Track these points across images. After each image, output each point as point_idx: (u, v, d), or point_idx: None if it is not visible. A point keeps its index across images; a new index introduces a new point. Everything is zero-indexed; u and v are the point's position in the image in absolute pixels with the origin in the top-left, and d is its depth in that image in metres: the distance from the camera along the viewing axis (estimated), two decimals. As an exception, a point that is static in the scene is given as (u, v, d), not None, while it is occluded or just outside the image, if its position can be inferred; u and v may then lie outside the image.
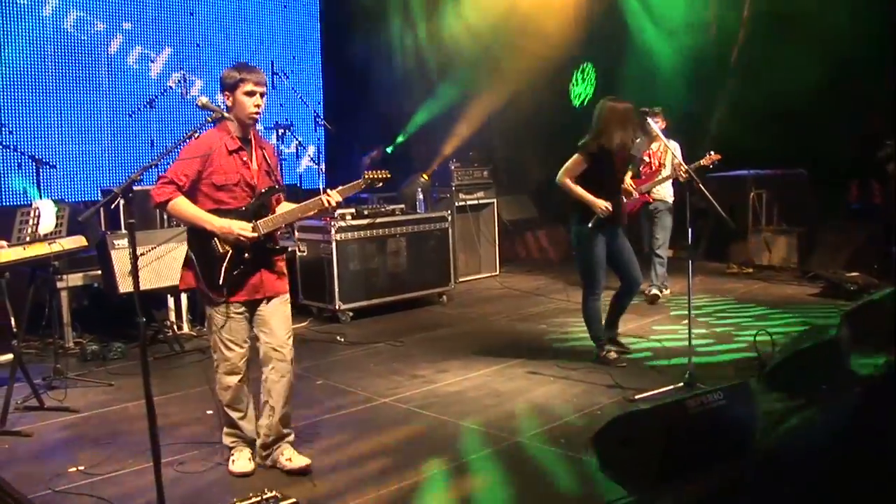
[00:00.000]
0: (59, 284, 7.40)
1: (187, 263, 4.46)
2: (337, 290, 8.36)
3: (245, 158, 4.44)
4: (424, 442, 5.07)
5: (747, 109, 10.30)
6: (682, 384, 5.77)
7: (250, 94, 4.34)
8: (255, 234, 4.36)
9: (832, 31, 9.40)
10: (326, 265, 8.36)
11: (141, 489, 4.45)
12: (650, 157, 8.96)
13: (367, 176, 4.60)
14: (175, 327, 8.02)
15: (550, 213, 12.04)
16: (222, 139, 4.40)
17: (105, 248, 7.30)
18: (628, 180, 8.45)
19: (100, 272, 7.74)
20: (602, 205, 6.34)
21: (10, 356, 7.26)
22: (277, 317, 4.58)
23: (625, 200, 8.36)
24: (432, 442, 5.06)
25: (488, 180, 10.99)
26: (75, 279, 7.72)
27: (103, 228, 8.68)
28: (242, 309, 4.48)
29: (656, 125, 7.39)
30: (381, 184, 4.65)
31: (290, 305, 4.71)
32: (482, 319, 8.63)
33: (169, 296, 8.08)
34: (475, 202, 10.87)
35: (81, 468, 4.75)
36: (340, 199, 4.53)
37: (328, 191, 4.50)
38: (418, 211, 9.62)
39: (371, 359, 7.11)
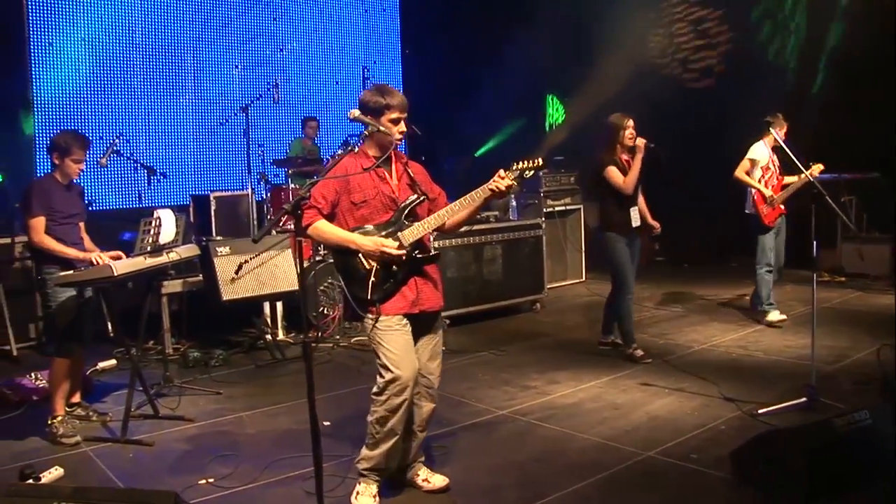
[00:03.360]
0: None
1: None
2: (436, 297, 8.24)
3: (381, 174, 4.32)
4: (556, 457, 4.95)
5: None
6: (804, 399, 5.57)
7: (395, 121, 4.22)
8: (401, 249, 4.20)
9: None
10: (424, 272, 8.23)
11: (277, 504, 4.41)
12: (773, 166, 8.08)
13: (516, 166, 4.17)
14: (271, 334, 7.98)
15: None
16: (357, 160, 4.29)
17: (208, 255, 7.28)
18: (767, 190, 7.91)
19: (196, 279, 7.79)
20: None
21: (111, 362, 7.39)
22: (431, 341, 4.43)
23: (763, 212, 7.92)
24: (564, 456, 4.94)
25: (575, 186, 10.86)
26: (174, 285, 7.73)
27: (194, 235, 8.74)
28: (405, 321, 4.27)
29: (776, 132, 7.25)
30: (531, 173, 4.21)
31: (442, 328, 4.55)
32: (579, 328, 8.49)
33: (265, 303, 8.05)
34: (562, 208, 10.76)
35: (211, 480, 4.70)
36: (511, 182, 4.18)
37: (500, 173, 4.15)
38: (510, 217, 9.52)
39: (478, 368, 7.01)
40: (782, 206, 8.06)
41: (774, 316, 8.17)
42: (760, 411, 5.49)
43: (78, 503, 2.94)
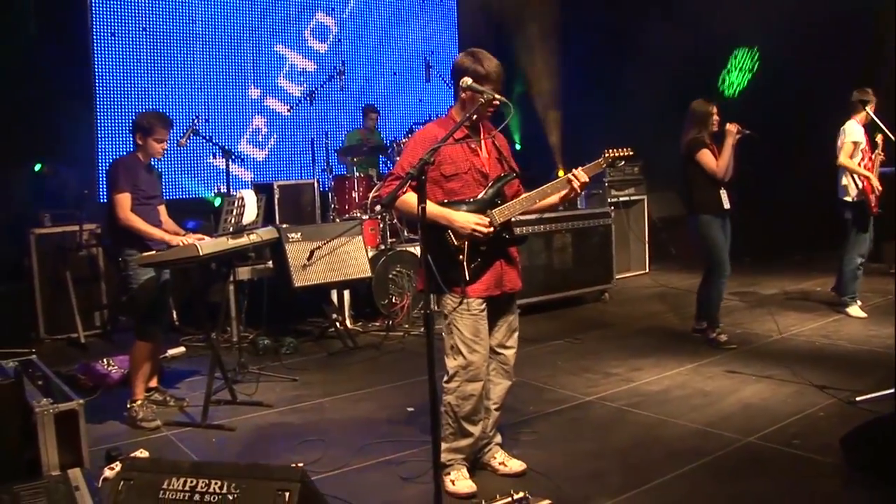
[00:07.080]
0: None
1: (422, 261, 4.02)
2: (507, 286, 8.11)
3: (473, 146, 4.15)
4: (654, 442, 4.79)
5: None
6: (903, 387, 5.36)
7: (494, 89, 4.05)
8: (492, 227, 4.04)
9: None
10: (496, 261, 8.10)
11: (371, 489, 4.29)
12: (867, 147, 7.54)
13: (608, 154, 4.16)
14: (337, 323, 7.88)
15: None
16: (448, 129, 4.02)
17: (280, 241, 7.16)
18: (873, 176, 7.49)
19: (263, 266, 7.73)
20: None
21: (181, 349, 7.34)
22: (509, 319, 4.35)
23: (873, 201, 7.53)
24: (662, 442, 4.78)
25: (639, 176, 10.66)
26: (243, 272, 7.66)
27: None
28: (484, 306, 4.13)
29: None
30: (622, 162, 4.22)
31: (516, 307, 4.44)
32: (652, 317, 8.33)
33: (332, 291, 7.95)
34: (626, 198, 10.56)
35: (301, 465, 4.58)
36: (587, 178, 4.13)
37: (574, 171, 4.10)
38: (579, 206, 9.36)
39: (556, 356, 6.86)
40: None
41: (855, 311, 7.87)
42: (859, 399, 5.27)
43: (201, 477, 2.82)
